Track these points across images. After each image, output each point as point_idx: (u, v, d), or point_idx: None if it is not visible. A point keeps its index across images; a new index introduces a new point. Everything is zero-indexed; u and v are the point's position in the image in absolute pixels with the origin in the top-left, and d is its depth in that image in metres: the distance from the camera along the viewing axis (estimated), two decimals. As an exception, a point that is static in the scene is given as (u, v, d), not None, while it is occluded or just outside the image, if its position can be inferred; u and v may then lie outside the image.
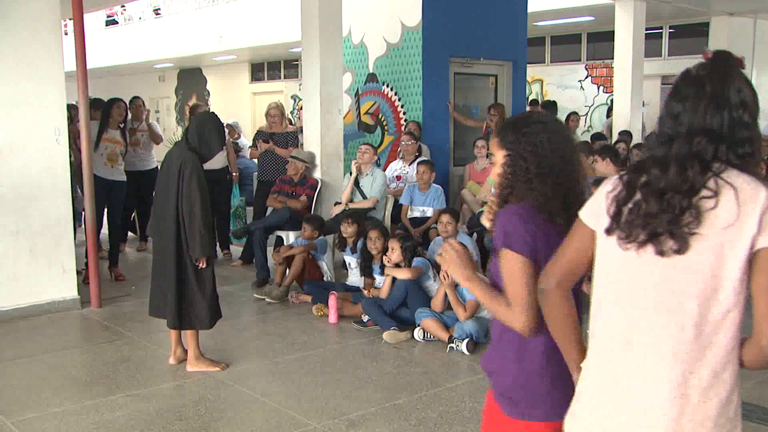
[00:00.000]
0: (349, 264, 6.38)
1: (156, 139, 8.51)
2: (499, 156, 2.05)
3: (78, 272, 6.32)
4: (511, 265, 1.90)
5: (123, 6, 20.95)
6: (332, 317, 5.75)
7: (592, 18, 13.58)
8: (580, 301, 1.95)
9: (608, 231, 1.70)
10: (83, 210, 6.71)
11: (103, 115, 7.29)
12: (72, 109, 7.22)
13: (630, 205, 1.66)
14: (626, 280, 1.68)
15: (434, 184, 7.27)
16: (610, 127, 12.40)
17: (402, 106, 8.76)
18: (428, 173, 7.20)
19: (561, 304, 1.81)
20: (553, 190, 1.95)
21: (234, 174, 8.53)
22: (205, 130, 4.55)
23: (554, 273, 1.79)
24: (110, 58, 21.87)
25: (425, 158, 7.77)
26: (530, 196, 1.96)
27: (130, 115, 7.84)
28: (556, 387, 1.94)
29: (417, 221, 7.17)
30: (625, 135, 10.28)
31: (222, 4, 18.88)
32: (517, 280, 1.89)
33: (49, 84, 5.91)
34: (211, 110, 8.29)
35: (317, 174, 7.62)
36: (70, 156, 6.22)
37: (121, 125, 7.45)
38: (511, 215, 1.94)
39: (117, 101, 7.42)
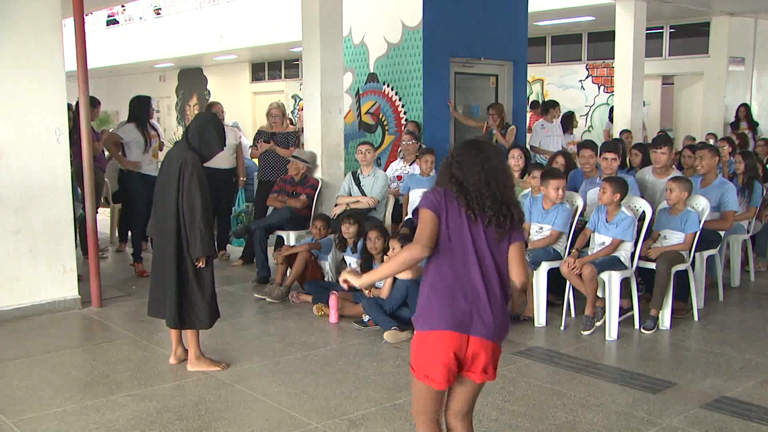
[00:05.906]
0: (350, 264, 6.38)
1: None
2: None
3: (79, 273, 6.31)
4: (421, 215, 2.73)
5: (123, 6, 20.97)
6: (333, 317, 5.76)
7: (593, 18, 13.58)
8: None
9: None
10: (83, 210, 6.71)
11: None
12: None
13: None
14: None
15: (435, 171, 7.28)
16: (610, 131, 12.36)
17: (402, 106, 8.76)
18: (430, 162, 7.21)
19: None
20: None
21: (242, 179, 8.37)
22: (205, 130, 4.55)
23: None
24: (110, 58, 21.89)
25: (426, 147, 7.77)
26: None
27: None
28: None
29: None
30: (626, 134, 10.26)
31: (222, 4, 18.89)
32: (422, 224, 2.71)
33: (49, 84, 5.90)
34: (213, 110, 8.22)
35: (318, 174, 7.62)
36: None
37: None
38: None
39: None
